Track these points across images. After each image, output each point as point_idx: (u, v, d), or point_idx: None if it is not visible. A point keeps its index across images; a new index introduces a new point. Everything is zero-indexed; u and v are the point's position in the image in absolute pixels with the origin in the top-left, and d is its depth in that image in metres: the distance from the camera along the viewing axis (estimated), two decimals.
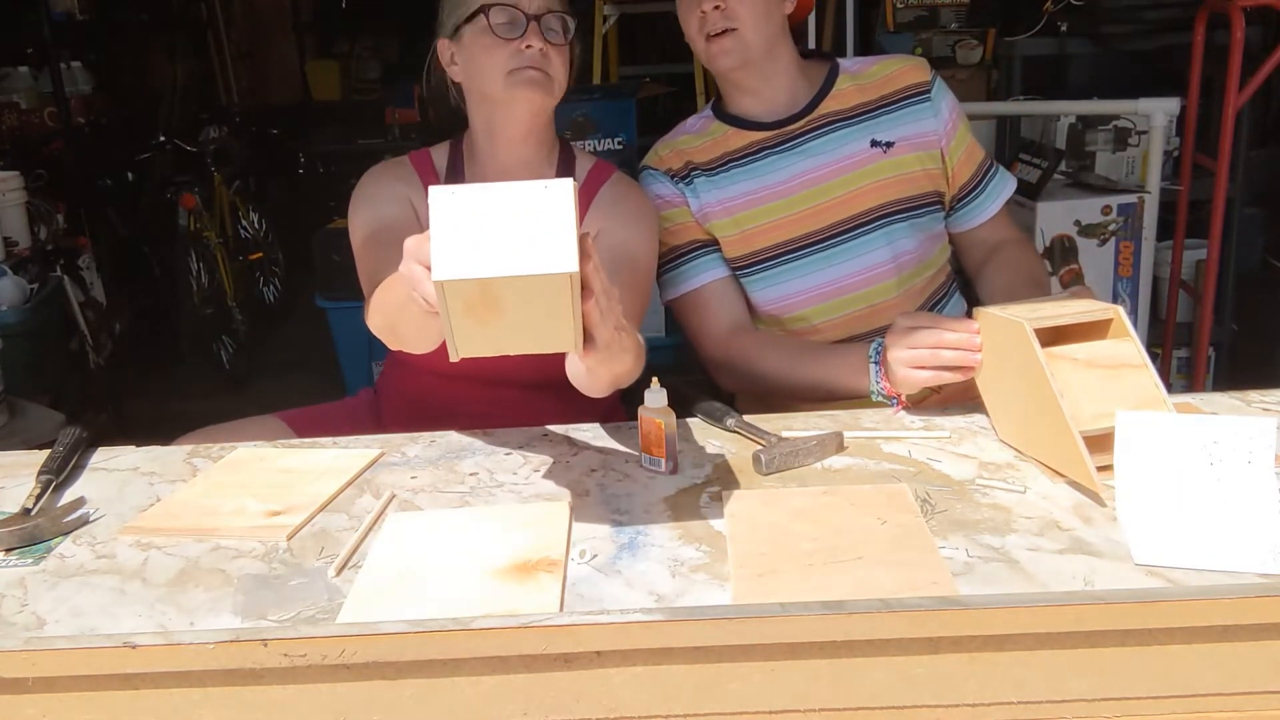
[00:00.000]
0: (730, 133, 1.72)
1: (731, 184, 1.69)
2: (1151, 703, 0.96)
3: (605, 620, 0.94)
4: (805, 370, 1.60)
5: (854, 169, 1.67)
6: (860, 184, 1.67)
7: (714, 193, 1.69)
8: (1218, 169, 2.86)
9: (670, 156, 1.74)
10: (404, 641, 0.93)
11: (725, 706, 0.96)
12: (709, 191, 1.70)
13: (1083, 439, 1.13)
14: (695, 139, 1.74)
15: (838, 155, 1.67)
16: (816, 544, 1.07)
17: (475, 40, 1.52)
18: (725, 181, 1.70)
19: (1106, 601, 0.93)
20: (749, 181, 1.69)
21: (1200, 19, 2.94)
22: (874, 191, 1.67)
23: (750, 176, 1.69)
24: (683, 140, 1.74)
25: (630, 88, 3.79)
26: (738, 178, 1.69)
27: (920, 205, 1.70)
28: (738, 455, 1.31)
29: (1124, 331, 1.23)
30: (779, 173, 1.68)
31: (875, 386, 1.45)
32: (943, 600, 0.95)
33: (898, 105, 1.70)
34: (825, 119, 1.69)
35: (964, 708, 0.96)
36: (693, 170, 1.71)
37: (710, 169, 1.71)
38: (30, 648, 0.95)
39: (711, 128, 1.74)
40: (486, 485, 1.27)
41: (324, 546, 1.14)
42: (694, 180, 1.71)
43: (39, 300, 3.30)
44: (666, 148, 1.75)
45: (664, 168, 1.73)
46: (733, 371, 1.70)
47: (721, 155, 1.71)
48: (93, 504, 1.25)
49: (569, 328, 0.99)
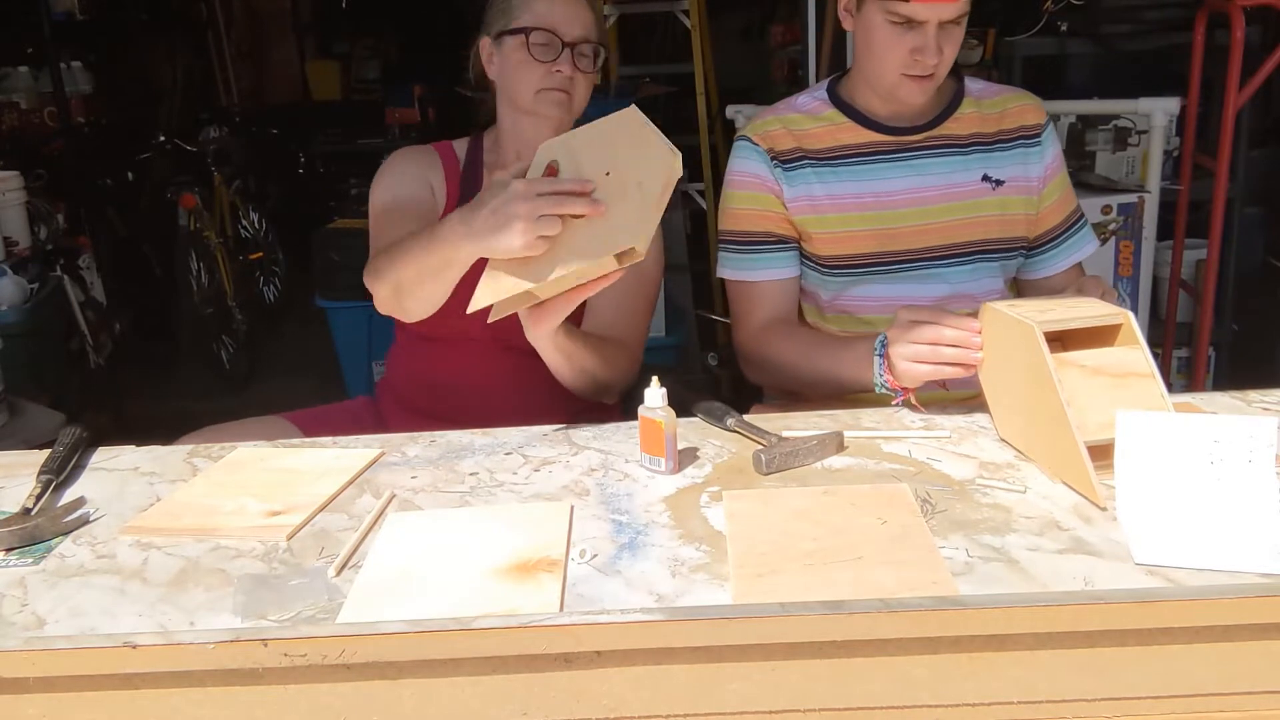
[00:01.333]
0: (847, 125, 1.67)
1: (838, 181, 1.65)
2: (1151, 702, 0.96)
3: (605, 620, 0.94)
4: (814, 362, 1.59)
5: (962, 199, 1.65)
6: (966, 215, 1.65)
7: (818, 186, 1.65)
8: (1218, 169, 2.85)
9: (780, 135, 1.68)
10: (404, 641, 0.93)
11: (725, 706, 0.96)
12: (812, 183, 1.65)
13: (1087, 449, 1.12)
14: (809, 120, 1.68)
15: (949, 181, 1.65)
16: (816, 544, 1.07)
17: (514, 53, 1.61)
18: (831, 177, 1.66)
19: (1106, 601, 0.93)
20: (857, 183, 1.65)
21: (1200, 19, 2.94)
22: (978, 226, 1.66)
23: (859, 178, 1.65)
24: (795, 119, 1.69)
25: (630, 88, 3.80)
26: (844, 176, 1.65)
27: (1012, 248, 1.69)
28: (738, 455, 1.31)
29: (1133, 338, 1.22)
30: (889, 182, 1.65)
31: (879, 379, 1.45)
32: (943, 600, 0.95)
33: (1011, 144, 1.68)
34: (944, 139, 1.66)
35: (964, 708, 0.96)
36: (803, 158, 1.66)
37: (820, 160, 1.66)
38: (30, 647, 0.95)
39: (827, 113, 1.69)
40: (486, 485, 1.27)
41: (324, 546, 1.14)
42: (800, 167, 1.66)
43: (39, 300, 3.31)
44: (777, 123, 1.69)
45: (767, 146, 1.67)
46: (755, 362, 1.70)
47: (834, 147, 1.66)
48: (93, 504, 1.25)
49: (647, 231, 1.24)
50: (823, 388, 1.60)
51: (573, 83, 1.61)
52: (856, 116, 1.67)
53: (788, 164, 1.66)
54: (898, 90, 1.59)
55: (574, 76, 1.60)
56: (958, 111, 1.68)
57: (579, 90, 1.62)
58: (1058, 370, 1.16)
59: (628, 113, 1.27)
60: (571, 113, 1.64)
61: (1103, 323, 1.24)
